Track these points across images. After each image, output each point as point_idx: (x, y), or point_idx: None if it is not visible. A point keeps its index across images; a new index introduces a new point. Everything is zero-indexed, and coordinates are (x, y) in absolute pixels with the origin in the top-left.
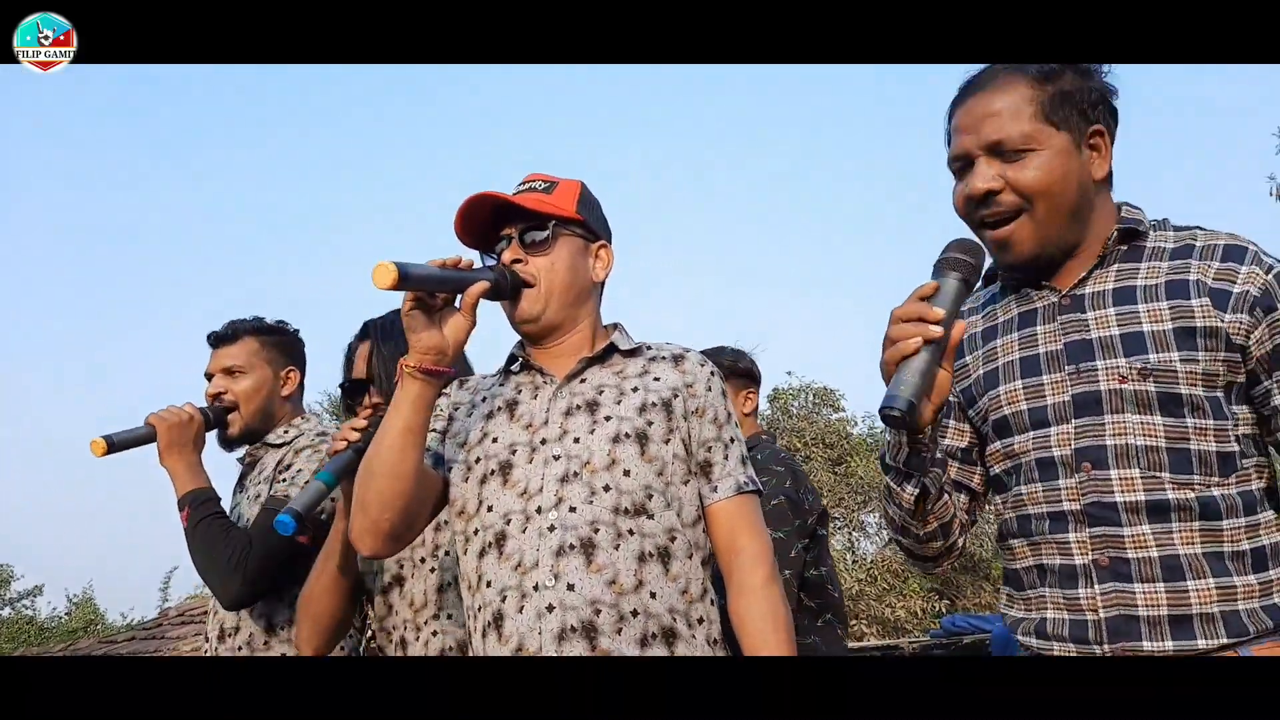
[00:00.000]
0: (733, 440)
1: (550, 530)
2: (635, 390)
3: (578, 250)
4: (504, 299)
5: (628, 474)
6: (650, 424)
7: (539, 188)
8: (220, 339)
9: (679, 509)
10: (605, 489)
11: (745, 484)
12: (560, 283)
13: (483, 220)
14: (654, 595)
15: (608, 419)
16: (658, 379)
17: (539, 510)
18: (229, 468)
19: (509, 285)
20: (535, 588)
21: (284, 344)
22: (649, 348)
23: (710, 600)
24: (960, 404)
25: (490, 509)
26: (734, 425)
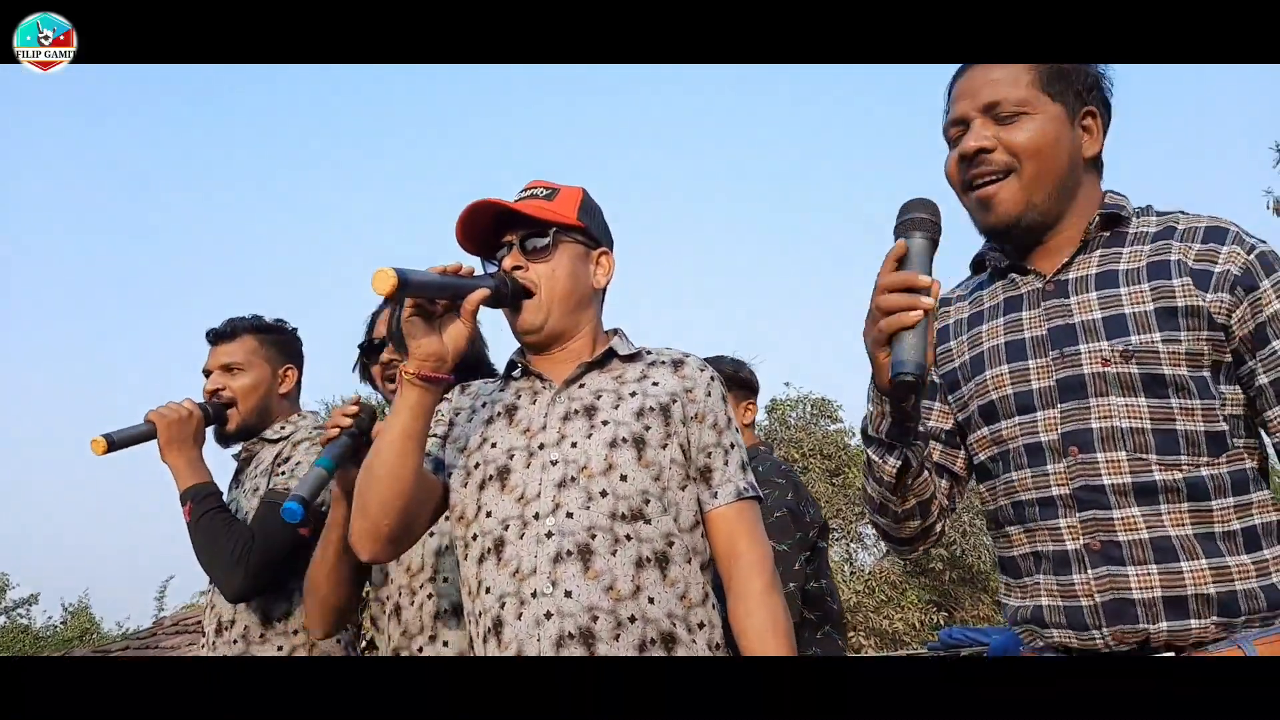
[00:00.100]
0: (733, 446)
1: (548, 536)
2: (633, 395)
3: (579, 257)
4: (505, 306)
5: (625, 479)
6: (648, 429)
7: (540, 194)
8: (219, 336)
9: (676, 514)
10: (602, 494)
11: (745, 490)
12: (561, 290)
13: (484, 227)
14: (652, 600)
15: (605, 424)
16: (656, 384)
17: (536, 516)
18: (225, 465)
19: (509, 292)
20: (533, 594)
21: (282, 342)
22: (649, 353)
23: (711, 605)
24: (943, 387)
25: (489, 514)
26: (734, 431)
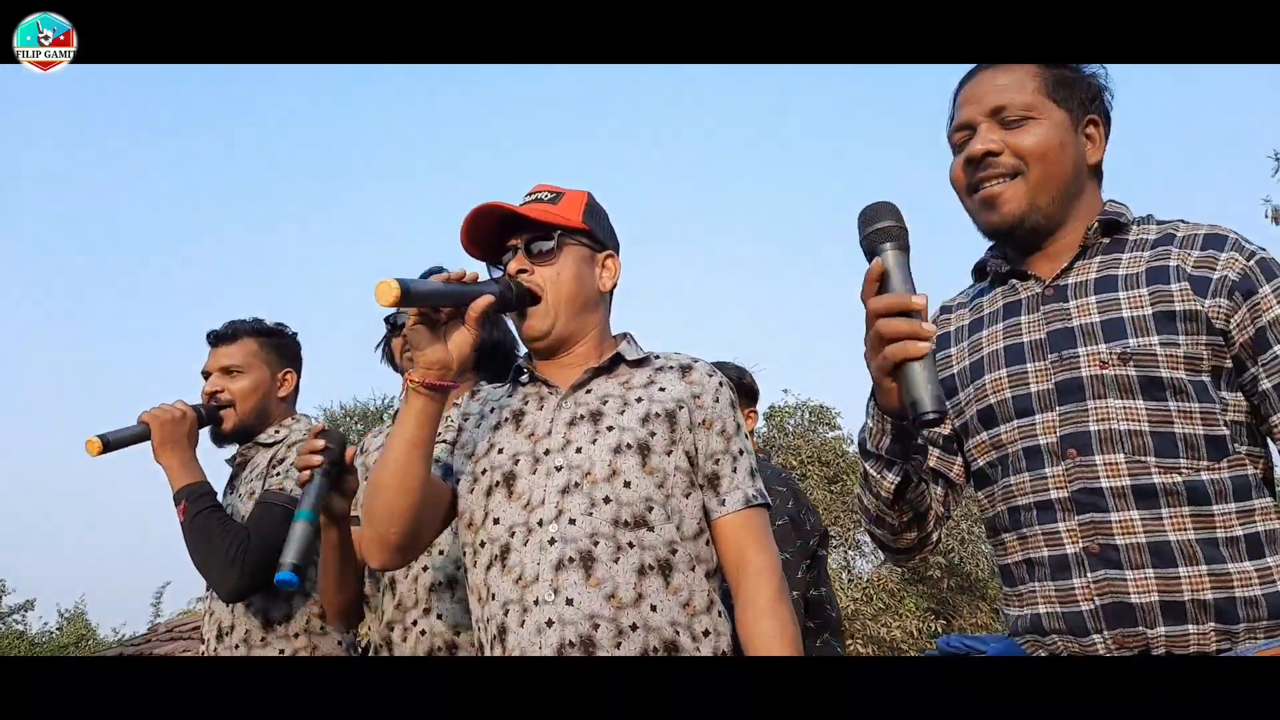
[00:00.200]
0: (742, 452)
1: (551, 543)
2: (639, 401)
3: (584, 260)
4: (510, 310)
5: (628, 485)
6: (652, 435)
7: (545, 198)
8: (220, 338)
9: (679, 521)
10: (605, 500)
11: (754, 497)
12: (567, 293)
13: (489, 231)
14: (654, 608)
15: (610, 429)
16: (663, 389)
17: (540, 523)
18: (217, 467)
19: (514, 297)
20: (535, 602)
21: (282, 346)
22: (657, 357)
23: (718, 613)
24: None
25: (497, 521)
26: (743, 437)
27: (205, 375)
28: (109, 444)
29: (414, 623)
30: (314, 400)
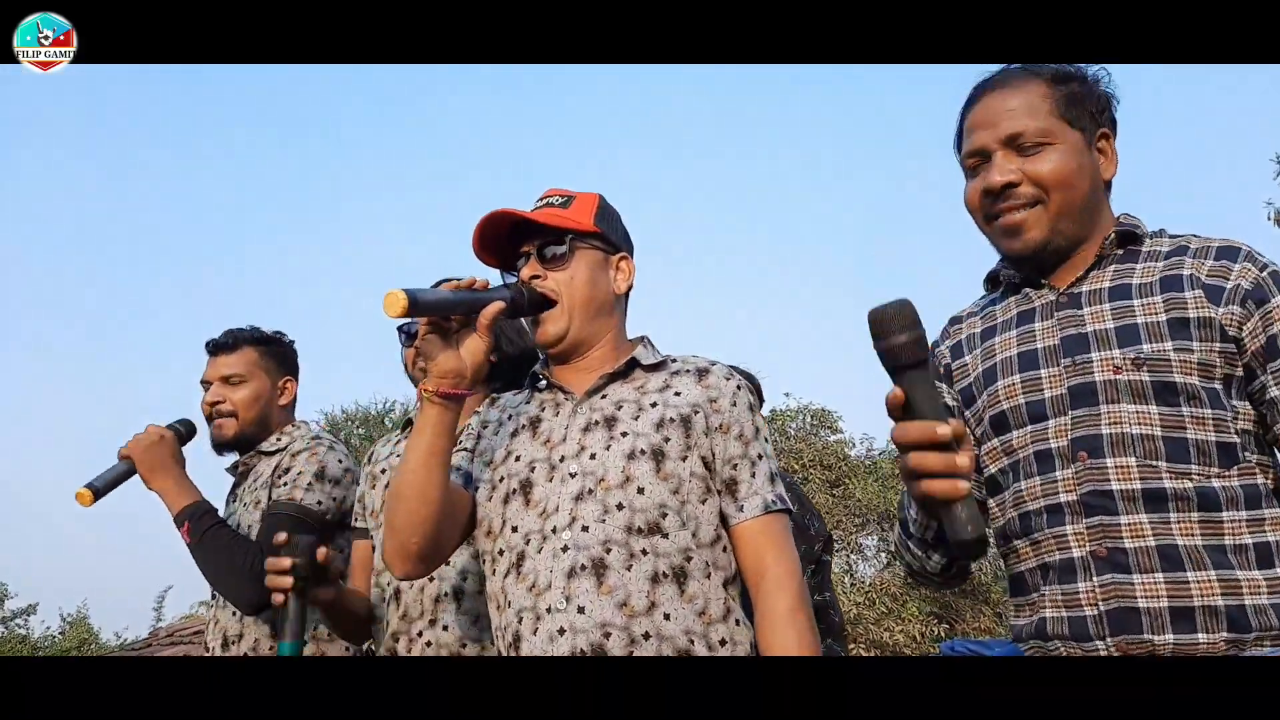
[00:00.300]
0: (761, 457)
1: (564, 551)
2: (654, 406)
3: (597, 263)
4: (523, 316)
5: (642, 491)
6: (667, 440)
7: (556, 202)
8: (219, 347)
9: (695, 528)
10: (619, 507)
11: (773, 502)
12: (581, 297)
13: (501, 238)
14: (668, 617)
15: (624, 435)
16: (679, 394)
17: (554, 530)
18: (214, 476)
19: (526, 302)
20: (548, 610)
21: (282, 354)
22: (674, 361)
23: (736, 621)
24: (959, 406)
25: (514, 529)
26: (763, 441)
27: (205, 385)
28: (99, 491)
29: (419, 634)
30: (315, 404)
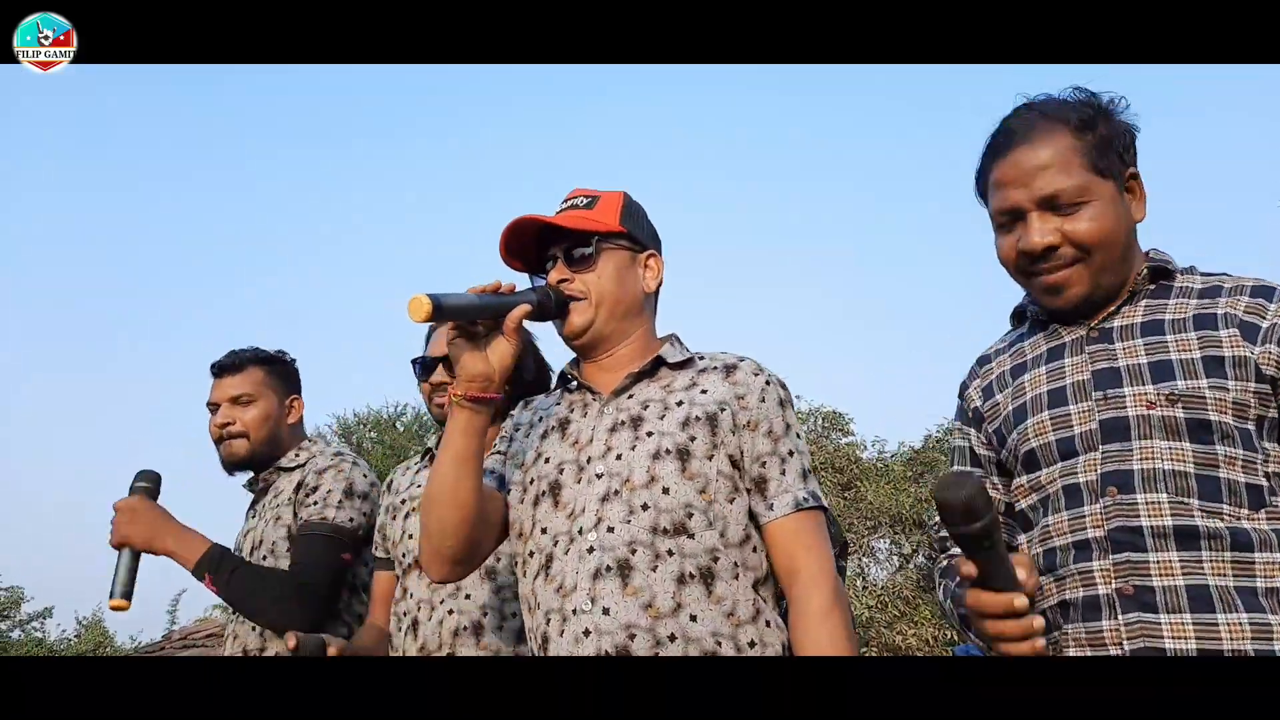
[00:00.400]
0: (792, 453)
1: (589, 552)
2: (680, 404)
3: (624, 263)
4: (550, 319)
5: (667, 492)
6: (693, 439)
7: (580, 204)
8: (224, 369)
9: (723, 528)
10: (644, 508)
11: (805, 500)
12: (609, 295)
13: (528, 243)
14: (694, 618)
15: (649, 435)
16: (705, 391)
17: (580, 531)
18: (216, 473)
19: (553, 304)
20: (574, 611)
21: (286, 373)
22: (702, 358)
23: (766, 623)
24: (994, 454)
25: (544, 531)
26: (794, 437)
27: (212, 407)
28: (129, 593)
29: (440, 601)
30: (326, 409)
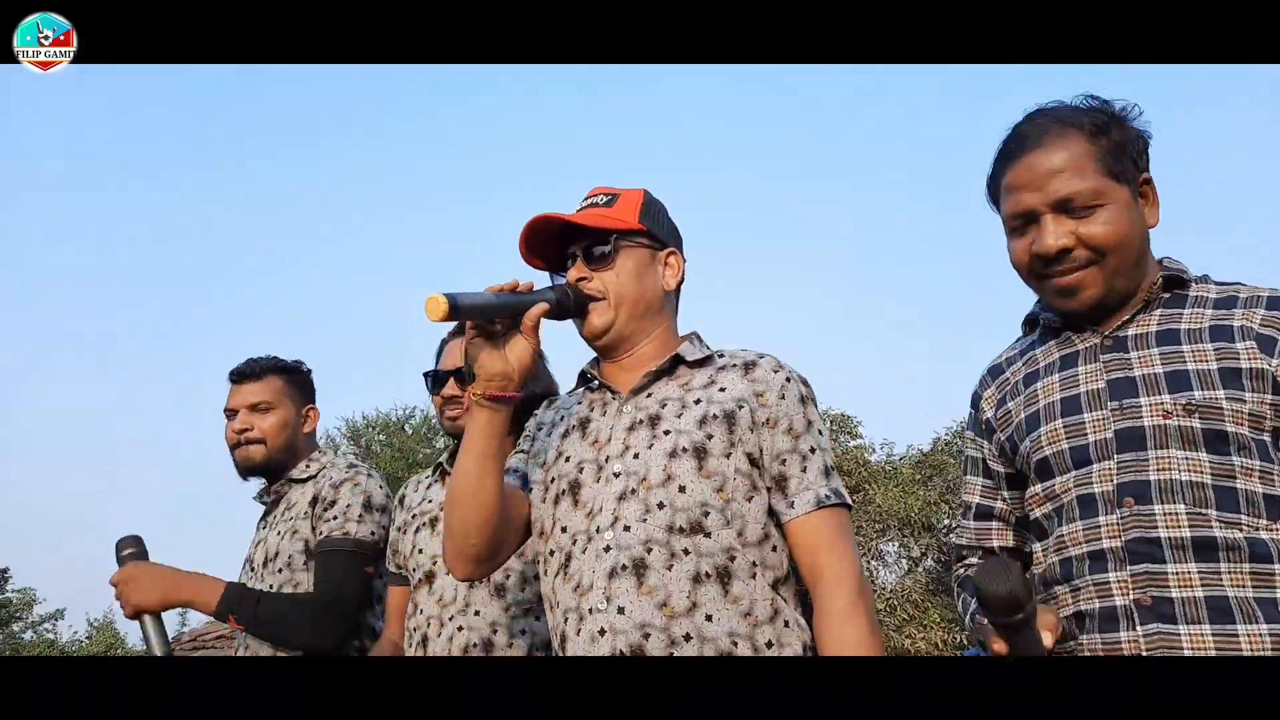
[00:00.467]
0: (814, 450)
1: (606, 551)
2: (698, 403)
3: (644, 261)
4: (569, 317)
5: (683, 490)
6: (710, 437)
7: (600, 202)
8: (244, 376)
9: (741, 527)
10: (660, 506)
11: (827, 497)
12: (629, 294)
13: (547, 241)
14: (710, 618)
15: (666, 433)
16: (723, 389)
17: (598, 530)
18: (217, 494)
19: (572, 303)
20: (590, 610)
21: (303, 382)
22: (721, 356)
23: (785, 623)
24: (1006, 468)
25: (564, 530)
26: (816, 434)
27: (230, 413)
28: (168, 650)
29: (450, 618)
30: (336, 411)
